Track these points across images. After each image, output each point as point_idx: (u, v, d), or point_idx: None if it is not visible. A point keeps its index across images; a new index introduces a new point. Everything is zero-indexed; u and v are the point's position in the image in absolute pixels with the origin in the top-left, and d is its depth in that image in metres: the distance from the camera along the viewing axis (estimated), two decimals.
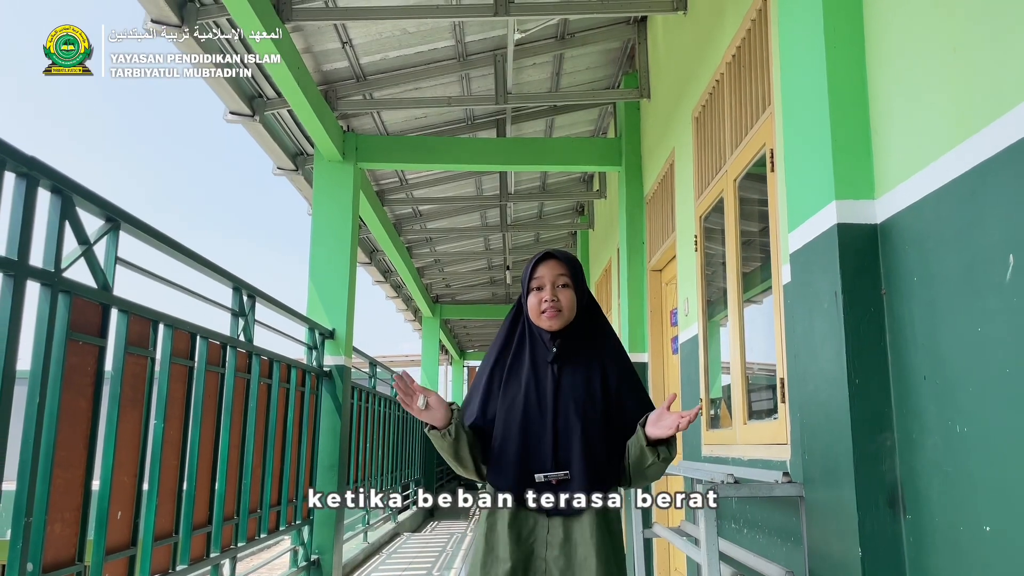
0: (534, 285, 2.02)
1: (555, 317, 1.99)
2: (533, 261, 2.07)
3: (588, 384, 1.98)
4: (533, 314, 2.02)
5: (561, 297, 2.00)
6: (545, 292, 2.00)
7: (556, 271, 2.03)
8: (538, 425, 1.94)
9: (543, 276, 2.02)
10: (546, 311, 1.98)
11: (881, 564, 2.06)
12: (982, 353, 1.74)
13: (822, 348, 2.31)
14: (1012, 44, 1.67)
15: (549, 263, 2.04)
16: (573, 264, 2.07)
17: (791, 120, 2.59)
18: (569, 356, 2.01)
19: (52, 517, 2.50)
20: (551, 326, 2.00)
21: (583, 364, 2.00)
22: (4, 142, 2.21)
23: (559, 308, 1.99)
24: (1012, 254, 1.64)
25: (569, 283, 2.03)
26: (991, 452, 1.71)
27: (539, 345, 2.02)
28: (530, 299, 2.02)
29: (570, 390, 1.96)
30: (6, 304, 2.27)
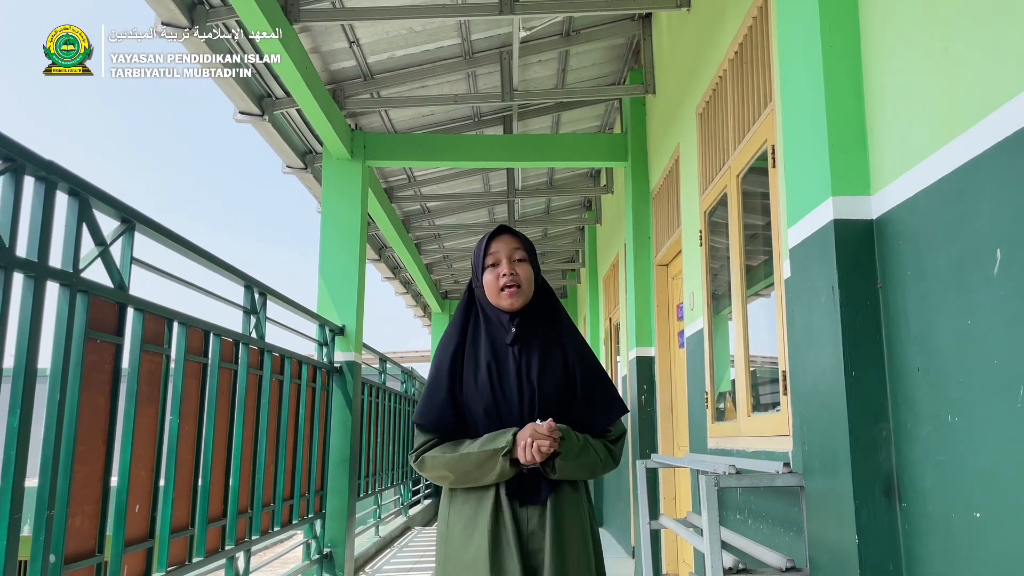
0: (489, 262, 1.93)
1: (516, 294, 1.90)
2: (486, 237, 1.97)
3: (551, 365, 1.90)
4: (491, 292, 1.92)
5: (520, 271, 1.92)
6: (502, 267, 1.91)
7: (511, 245, 1.95)
8: (504, 412, 1.87)
9: (498, 251, 1.93)
10: (506, 288, 1.89)
11: (877, 551, 2.11)
12: (972, 345, 1.79)
13: (820, 341, 2.36)
14: (1000, 45, 1.72)
15: (503, 238, 1.96)
16: (527, 241, 2.00)
17: (790, 118, 2.64)
18: (528, 337, 1.91)
19: (73, 510, 2.58)
20: (512, 304, 1.91)
21: (543, 345, 1.92)
22: (24, 147, 2.29)
23: (518, 283, 1.91)
24: (1000, 249, 1.69)
25: (525, 258, 1.95)
26: (980, 441, 1.77)
27: (496, 327, 1.92)
28: (486, 276, 1.93)
29: (535, 372, 1.88)
30: (27, 304, 2.34)
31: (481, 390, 1.87)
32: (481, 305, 1.95)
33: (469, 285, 2.02)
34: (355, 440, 6.17)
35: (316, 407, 5.54)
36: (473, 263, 2.00)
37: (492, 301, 1.92)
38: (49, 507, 2.45)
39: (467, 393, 1.89)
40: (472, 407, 1.88)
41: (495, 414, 1.86)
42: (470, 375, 1.90)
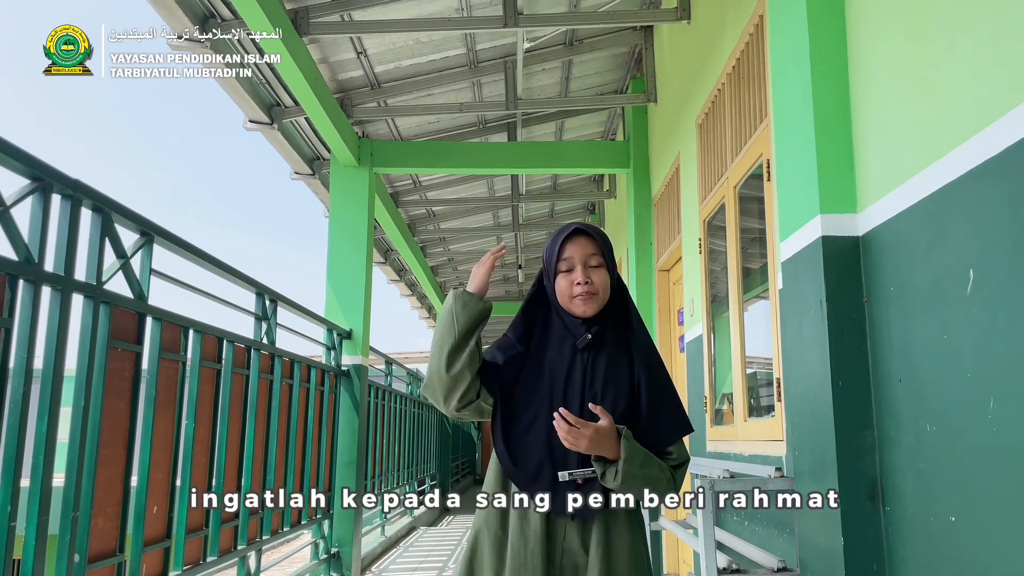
0: (563, 267, 1.78)
1: (589, 301, 1.75)
2: (560, 239, 1.81)
3: (618, 374, 1.77)
4: (563, 299, 1.78)
5: (595, 279, 1.76)
6: (577, 274, 1.76)
7: (587, 250, 1.78)
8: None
9: (573, 256, 1.78)
10: (579, 295, 1.75)
11: (862, 553, 2.22)
12: (948, 359, 1.91)
13: (809, 351, 2.47)
14: (973, 78, 1.83)
15: (579, 240, 1.79)
16: (604, 240, 1.83)
17: (781, 137, 2.75)
18: (600, 344, 1.78)
19: (96, 511, 2.71)
20: (585, 312, 1.76)
21: (613, 352, 1.78)
22: (51, 167, 2.41)
23: (594, 291, 1.75)
24: (972, 270, 1.80)
25: (602, 262, 1.79)
26: (955, 449, 1.88)
27: (567, 331, 1.79)
28: (559, 282, 1.78)
29: (598, 380, 1.75)
30: (54, 316, 2.47)
31: (541, 391, 1.76)
32: (553, 306, 1.82)
33: (539, 278, 1.88)
34: (362, 442, 6.30)
35: (324, 410, 5.66)
36: (545, 260, 1.86)
37: (564, 306, 1.78)
38: (74, 508, 2.57)
39: (523, 391, 1.77)
40: (525, 406, 1.76)
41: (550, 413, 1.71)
42: (531, 373, 1.79)
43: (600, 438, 1.65)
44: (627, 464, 1.65)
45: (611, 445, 1.66)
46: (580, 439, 1.64)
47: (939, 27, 1.98)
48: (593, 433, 1.64)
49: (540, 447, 1.73)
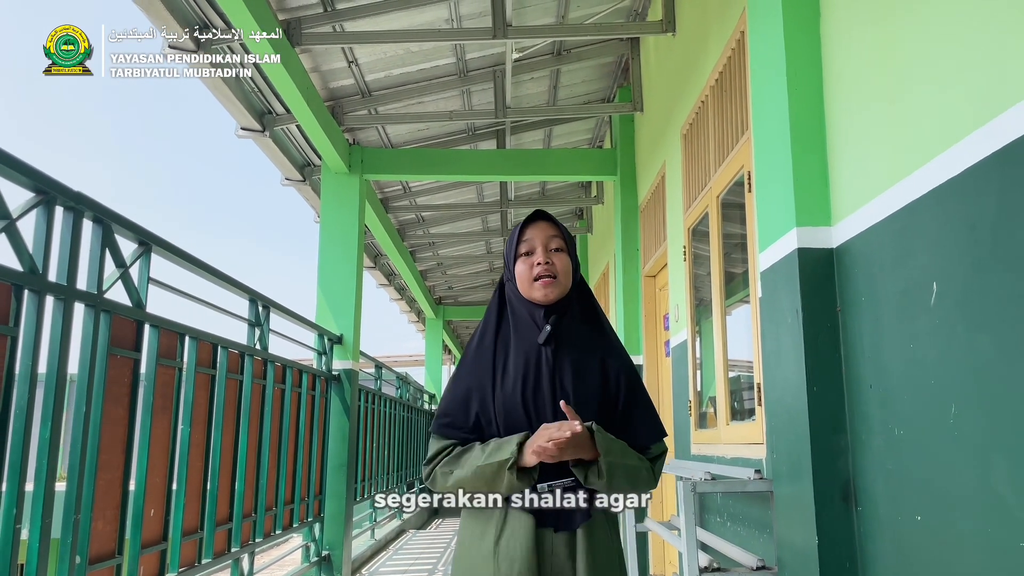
0: (523, 249, 1.73)
1: (550, 284, 1.69)
2: (520, 224, 1.78)
3: (587, 370, 1.69)
4: (523, 283, 1.72)
5: (556, 261, 1.71)
6: (537, 255, 1.71)
7: (548, 232, 1.74)
8: (536, 421, 1.65)
9: (533, 238, 1.74)
10: (540, 277, 1.69)
11: (836, 551, 2.33)
12: (914, 367, 2.01)
13: (786, 358, 2.58)
14: (935, 103, 1.94)
15: (539, 224, 1.76)
16: (566, 230, 1.79)
17: (760, 152, 2.86)
18: (564, 337, 1.70)
19: (96, 515, 2.78)
20: (546, 296, 1.69)
21: (579, 348, 1.71)
22: (54, 180, 2.48)
23: (554, 273, 1.70)
24: (935, 283, 1.91)
25: (563, 247, 1.74)
26: (920, 453, 1.99)
27: (528, 325, 1.72)
28: (518, 266, 1.73)
29: (568, 376, 1.67)
30: (57, 324, 2.54)
31: (511, 397, 1.67)
32: (511, 301, 1.76)
33: (500, 281, 1.83)
34: (352, 445, 6.37)
35: (315, 414, 5.74)
36: (505, 254, 1.81)
37: (524, 293, 1.72)
38: (76, 511, 2.65)
39: (496, 400, 1.68)
40: (501, 415, 1.67)
41: (525, 424, 1.65)
42: (499, 380, 1.69)
43: (577, 440, 1.57)
44: (608, 457, 1.60)
45: (587, 445, 1.59)
46: (563, 449, 1.56)
47: (906, 53, 2.09)
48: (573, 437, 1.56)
49: None
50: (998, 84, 1.69)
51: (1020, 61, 1.61)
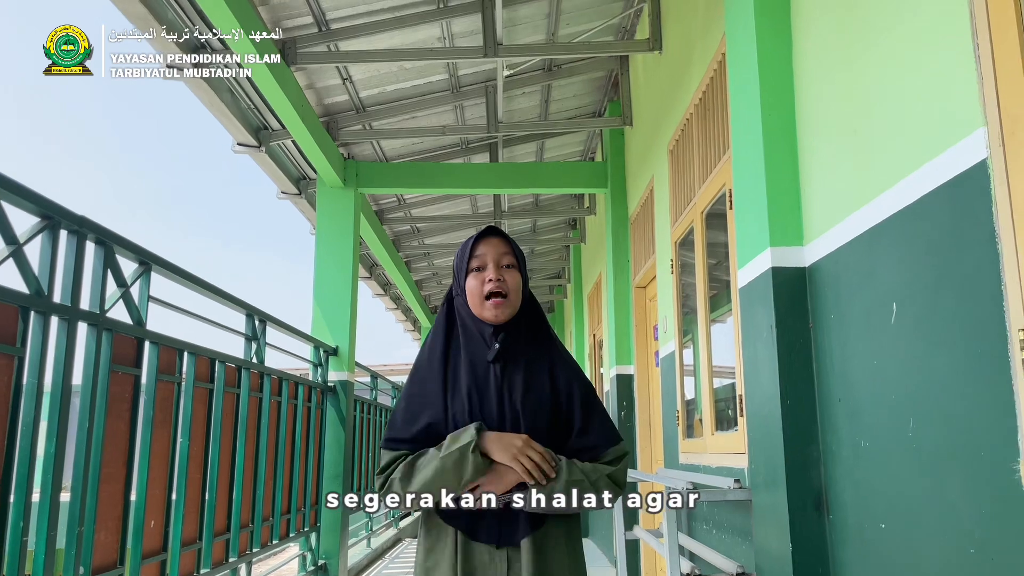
0: (474, 265, 1.71)
1: (502, 305, 1.68)
2: (472, 239, 1.76)
3: (536, 385, 1.69)
4: (474, 300, 1.70)
5: (508, 278, 1.70)
6: (489, 271, 1.69)
7: (500, 249, 1.73)
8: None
9: (485, 254, 1.72)
10: (492, 295, 1.68)
11: (808, 558, 2.43)
12: (877, 382, 2.13)
13: (763, 372, 2.69)
14: (895, 132, 2.06)
15: (491, 240, 1.74)
16: (517, 247, 1.79)
17: (738, 175, 2.98)
18: (512, 355, 1.69)
19: (99, 526, 2.88)
20: (496, 316, 1.69)
21: (528, 364, 1.70)
22: (59, 205, 2.59)
23: (505, 291, 1.69)
24: (895, 303, 2.02)
25: (515, 264, 1.73)
26: (884, 464, 2.10)
27: (477, 342, 1.71)
28: (469, 281, 1.71)
29: (516, 392, 1.66)
30: (61, 343, 2.64)
31: (460, 414, 1.66)
32: (461, 316, 1.74)
33: (448, 295, 1.81)
34: (348, 456, 6.47)
35: (311, 425, 5.83)
36: (455, 266, 1.79)
37: (474, 311, 1.71)
38: (80, 523, 2.74)
39: (448, 416, 1.68)
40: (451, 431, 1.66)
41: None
42: (449, 396, 1.69)
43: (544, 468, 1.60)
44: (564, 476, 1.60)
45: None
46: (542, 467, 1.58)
47: (869, 87, 2.21)
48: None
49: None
50: (946, 122, 1.80)
51: (963, 102, 1.73)
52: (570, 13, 5.89)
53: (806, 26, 2.65)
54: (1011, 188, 1.55)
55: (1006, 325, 1.57)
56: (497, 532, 1.62)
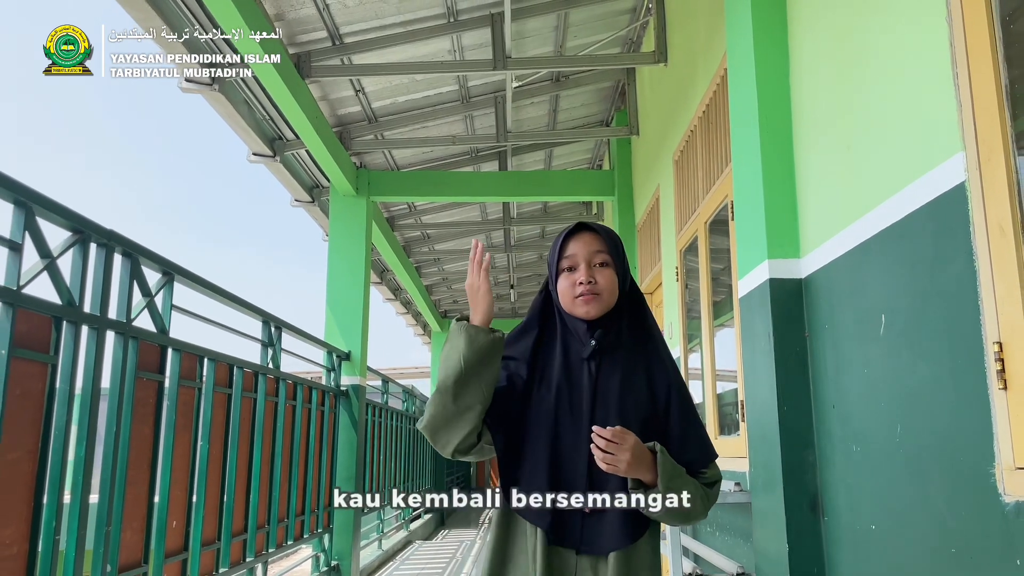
0: (565, 265, 1.62)
1: (592, 302, 1.58)
2: (562, 235, 1.66)
3: (632, 387, 1.57)
4: (565, 300, 1.61)
5: (599, 278, 1.59)
6: (580, 273, 1.59)
7: (592, 247, 1.62)
8: (571, 436, 1.55)
9: (576, 254, 1.61)
10: (581, 295, 1.58)
11: (804, 558, 2.53)
12: (867, 389, 2.23)
13: (761, 379, 2.79)
14: (881, 153, 2.16)
15: (583, 237, 1.63)
16: (612, 238, 1.66)
17: (739, 189, 3.08)
18: (609, 351, 1.60)
19: (125, 526, 3.00)
20: (588, 313, 1.59)
21: (625, 362, 1.60)
22: (89, 220, 2.72)
23: (597, 291, 1.58)
24: (884, 315, 2.12)
25: (608, 261, 1.62)
26: (874, 467, 2.19)
27: (572, 338, 1.62)
28: (560, 283, 1.62)
29: (611, 393, 1.56)
30: (91, 351, 2.77)
31: (544, 402, 1.57)
32: (557, 309, 1.65)
33: (544, 285, 1.71)
34: (360, 458, 6.59)
35: (324, 429, 5.96)
36: (549, 262, 1.70)
37: (567, 308, 1.62)
38: (107, 523, 2.87)
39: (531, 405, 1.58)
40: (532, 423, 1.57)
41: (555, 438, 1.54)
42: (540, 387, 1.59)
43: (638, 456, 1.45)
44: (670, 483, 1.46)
45: (646, 461, 1.47)
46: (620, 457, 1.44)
47: (862, 103, 2.31)
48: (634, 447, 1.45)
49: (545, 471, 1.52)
50: (928, 144, 1.91)
51: (943, 127, 1.83)
52: (577, 26, 6.01)
53: (802, 45, 2.75)
54: (987, 210, 1.66)
55: (982, 338, 1.67)
56: (579, 536, 1.51)
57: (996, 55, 1.67)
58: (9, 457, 2.37)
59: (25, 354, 2.43)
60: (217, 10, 4.22)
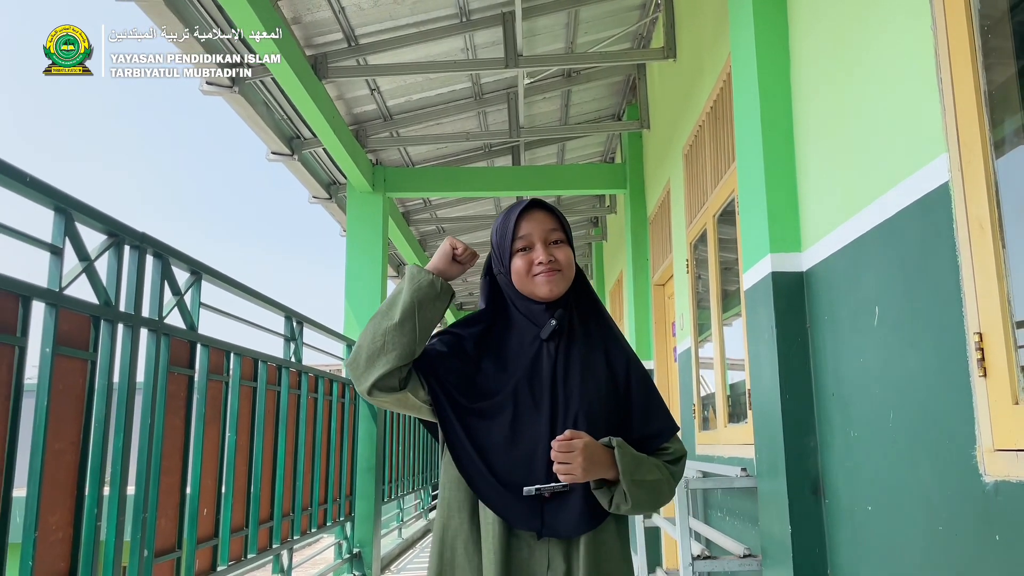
0: (520, 245, 1.55)
1: (555, 278, 1.53)
2: (514, 215, 1.57)
3: (592, 366, 1.54)
4: (521, 280, 1.55)
5: (558, 255, 1.55)
6: (537, 252, 1.54)
7: (547, 225, 1.57)
8: (530, 419, 1.49)
9: (531, 233, 1.55)
10: (542, 273, 1.53)
11: (806, 539, 2.65)
12: (863, 378, 2.34)
13: (765, 368, 2.90)
14: (874, 151, 2.26)
15: (536, 215, 1.57)
16: (564, 219, 1.62)
17: (743, 184, 3.19)
18: (568, 333, 1.56)
19: (160, 513, 3.16)
20: (550, 292, 1.53)
21: (583, 341, 1.56)
22: (124, 224, 2.86)
23: (559, 268, 1.54)
24: (877, 307, 2.23)
25: (563, 238, 1.58)
26: (869, 452, 2.31)
27: (526, 321, 1.56)
28: (515, 262, 1.55)
29: (572, 374, 1.52)
30: (126, 348, 2.92)
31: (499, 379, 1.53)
32: (508, 294, 1.60)
33: (487, 268, 1.64)
34: (380, 449, 6.75)
35: (345, 420, 6.12)
36: (495, 244, 1.61)
37: (521, 288, 1.56)
38: (143, 510, 3.03)
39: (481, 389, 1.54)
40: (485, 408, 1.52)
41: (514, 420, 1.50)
42: (492, 372, 1.55)
43: (592, 456, 1.42)
44: (633, 477, 1.44)
45: (604, 460, 1.44)
46: (574, 463, 1.41)
47: (857, 102, 2.42)
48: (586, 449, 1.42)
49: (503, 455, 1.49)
50: (916, 145, 2.01)
51: (929, 129, 1.93)
52: (588, 22, 6.11)
53: (803, 46, 2.85)
54: (967, 209, 1.76)
55: (964, 329, 1.78)
56: (540, 521, 1.47)
57: (976, 63, 1.77)
58: (55, 448, 2.53)
59: (67, 351, 2.59)
60: (234, 12, 4.31)
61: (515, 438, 1.49)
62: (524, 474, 1.47)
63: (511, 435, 1.49)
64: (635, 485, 1.44)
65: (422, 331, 1.50)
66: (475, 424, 1.51)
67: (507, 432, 1.49)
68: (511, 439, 1.49)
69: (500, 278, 1.60)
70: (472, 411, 1.51)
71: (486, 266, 1.65)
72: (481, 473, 1.48)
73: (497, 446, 1.49)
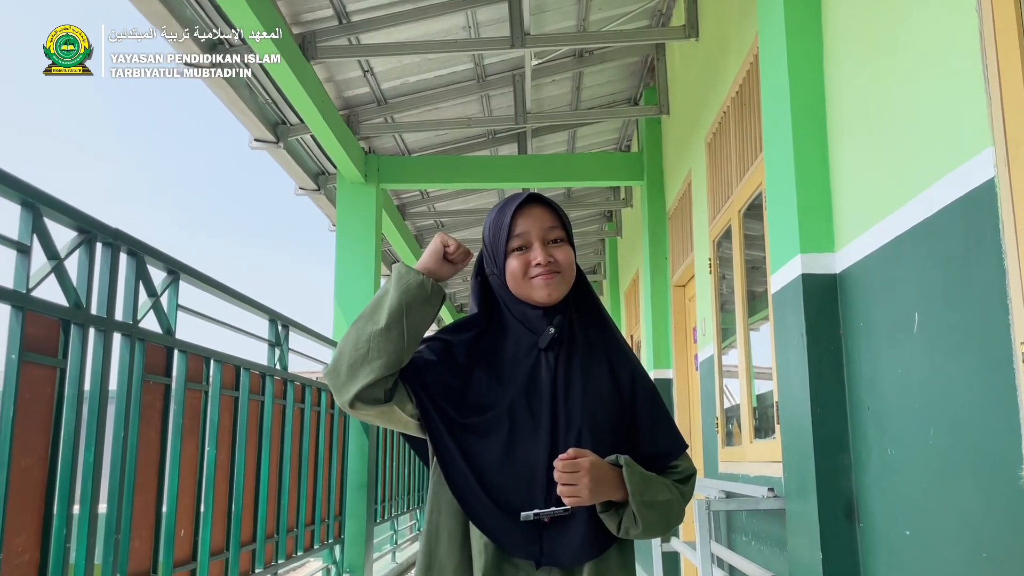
0: (515, 244, 1.54)
1: (554, 281, 1.52)
2: (509, 211, 1.55)
3: (595, 378, 1.53)
4: (517, 283, 1.53)
5: (558, 255, 1.53)
6: (535, 253, 1.52)
7: (545, 223, 1.55)
8: (529, 437, 1.49)
9: (528, 231, 1.54)
10: (540, 274, 1.51)
11: (838, 566, 2.67)
12: (902, 390, 2.36)
13: (795, 379, 2.92)
14: (914, 145, 2.29)
15: (534, 211, 1.55)
16: (563, 213, 1.60)
17: (771, 180, 3.21)
18: (567, 340, 1.54)
19: (134, 534, 3.20)
20: (550, 296, 1.52)
21: (584, 351, 1.55)
22: (95, 219, 2.90)
23: (558, 269, 1.53)
24: (917, 313, 2.25)
25: (563, 237, 1.56)
26: (908, 471, 2.33)
27: (521, 328, 1.55)
28: (511, 262, 1.53)
29: (573, 387, 1.51)
30: (98, 354, 2.96)
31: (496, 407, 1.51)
32: (502, 298, 1.58)
33: (479, 266, 1.63)
34: (372, 465, 6.79)
35: (335, 433, 6.15)
36: (488, 242, 1.60)
37: (517, 292, 1.54)
38: (116, 531, 3.06)
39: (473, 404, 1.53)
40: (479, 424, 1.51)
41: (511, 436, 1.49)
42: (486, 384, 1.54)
43: (599, 476, 1.42)
44: (642, 498, 1.44)
45: (611, 480, 1.44)
46: (580, 484, 1.40)
47: (895, 92, 2.44)
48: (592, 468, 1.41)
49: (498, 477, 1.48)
50: (959, 138, 2.03)
51: (973, 121, 1.95)
52: None
53: (836, 30, 2.87)
54: (1015, 207, 1.78)
55: (1011, 337, 1.81)
56: (539, 548, 1.46)
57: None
58: (21, 463, 2.56)
59: (34, 358, 2.62)
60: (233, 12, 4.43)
61: (511, 457, 1.48)
62: (522, 497, 1.46)
63: (506, 454, 1.48)
64: (646, 507, 1.44)
65: (410, 337, 1.48)
66: (468, 440, 1.50)
67: (502, 451, 1.48)
68: (506, 458, 1.48)
69: (493, 279, 1.59)
70: (465, 427, 1.50)
71: (477, 266, 1.64)
72: (476, 494, 1.47)
73: (491, 464, 1.48)
